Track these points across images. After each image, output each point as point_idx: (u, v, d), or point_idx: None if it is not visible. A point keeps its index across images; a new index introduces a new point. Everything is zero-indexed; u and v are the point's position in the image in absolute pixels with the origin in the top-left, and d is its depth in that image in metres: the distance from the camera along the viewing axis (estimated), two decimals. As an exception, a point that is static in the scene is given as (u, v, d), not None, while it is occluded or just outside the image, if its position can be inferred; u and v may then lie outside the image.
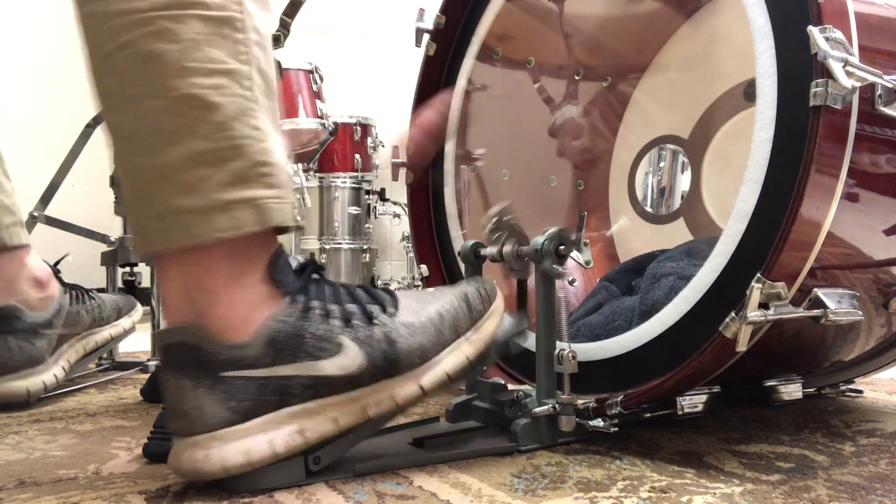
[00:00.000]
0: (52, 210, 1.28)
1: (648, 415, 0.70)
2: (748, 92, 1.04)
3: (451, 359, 0.64)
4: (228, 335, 0.56)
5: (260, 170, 0.57)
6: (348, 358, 0.59)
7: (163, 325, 1.24)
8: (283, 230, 0.60)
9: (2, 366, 0.92)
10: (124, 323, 1.14)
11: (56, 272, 1.03)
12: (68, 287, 1.04)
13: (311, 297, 0.60)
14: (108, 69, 0.55)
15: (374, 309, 0.62)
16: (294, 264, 0.62)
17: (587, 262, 0.72)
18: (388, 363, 0.61)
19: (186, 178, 0.54)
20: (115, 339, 1.13)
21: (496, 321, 0.68)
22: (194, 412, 0.55)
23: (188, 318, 0.56)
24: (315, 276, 0.62)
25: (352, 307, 0.61)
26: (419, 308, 0.64)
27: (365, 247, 2.85)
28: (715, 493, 0.56)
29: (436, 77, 1.06)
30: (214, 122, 0.55)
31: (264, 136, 0.57)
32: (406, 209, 1.66)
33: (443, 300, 0.66)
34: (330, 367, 0.58)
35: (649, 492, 0.57)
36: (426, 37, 1.04)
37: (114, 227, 1.31)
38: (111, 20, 0.54)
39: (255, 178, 0.56)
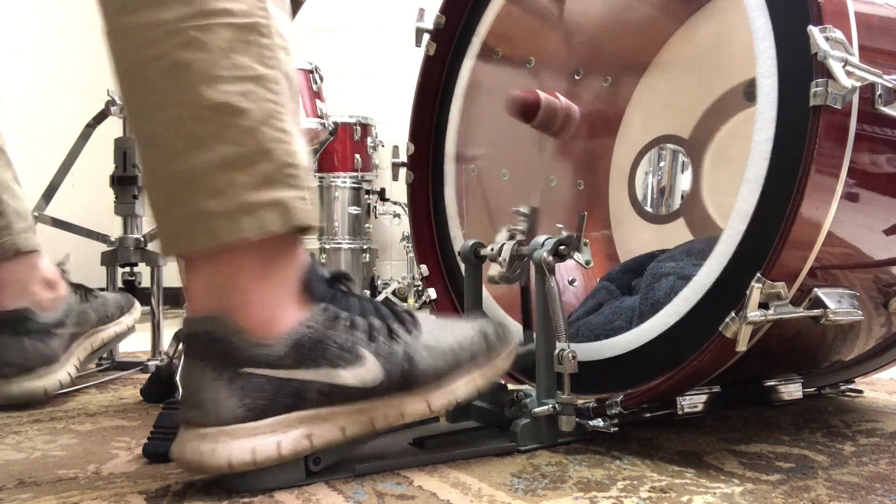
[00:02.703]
0: (52, 210, 1.28)
1: (648, 415, 0.70)
2: (748, 92, 1.04)
3: (464, 387, 0.65)
4: (256, 332, 0.57)
5: (286, 171, 0.57)
6: (367, 370, 0.60)
7: (164, 323, 1.25)
8: (306, 230, 0.60)
9: (19, 366, 0.93)
10: (127, 320, 1.15)
11: (63, 272, 1.04)
12: (74, 287, 1.05)
13: (340, 306, 0.61)
14: (138, 80, 0.56)
15: (397, 326, 0.63)
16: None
17: (587, 262, 0.72)
18: (405, 380, 0.61)
19: (214, 182, 0.55)
20: (120, 337, 1.14)
21: (509, 362, 0.70)
22: (210, 404, 0.55)
23: (215, 311, 0.57)
24: (343, 287, 0.63)
25: (376, 322, 0.62)
26: (440, 334, 0.65)
27: (365, 247, 2.85)
28: (715, 493, 0.56)
29: (436, 77, 1.06)
30: (243, 127, 0.55)
31: (290, 138, 0.58)
32: (406, 209, 1.66)
33: (463, 332, 0.67)
34: (348, 376, 0.59)
35: (649, 492, 0.57)
36: (426, 37, 1.04)
37: (114, 227, 1.30)
38: (140, 33, 0.54)
39: (281, 179, 0.57)
